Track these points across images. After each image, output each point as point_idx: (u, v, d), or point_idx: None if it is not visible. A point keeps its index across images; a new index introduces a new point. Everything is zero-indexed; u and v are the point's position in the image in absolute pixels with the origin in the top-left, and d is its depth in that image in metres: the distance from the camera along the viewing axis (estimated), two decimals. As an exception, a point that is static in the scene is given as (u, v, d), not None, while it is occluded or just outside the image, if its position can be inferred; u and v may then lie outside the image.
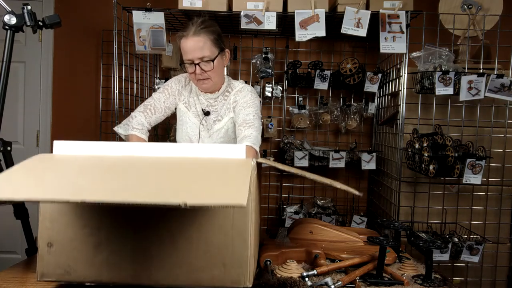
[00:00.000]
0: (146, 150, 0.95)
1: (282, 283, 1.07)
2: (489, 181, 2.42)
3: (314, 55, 2.97)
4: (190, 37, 1.53)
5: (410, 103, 2.36)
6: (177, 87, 1.73)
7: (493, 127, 2.38)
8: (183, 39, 1.55)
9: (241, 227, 0.92)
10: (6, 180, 0.77)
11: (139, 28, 2.33)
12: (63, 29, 2.95)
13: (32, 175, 0.80)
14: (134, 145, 0.97)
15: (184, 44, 1.55)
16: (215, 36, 1.57)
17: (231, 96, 1.69)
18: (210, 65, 1.55)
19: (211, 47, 1.55)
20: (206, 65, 1.55)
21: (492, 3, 2.40)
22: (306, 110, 2.87)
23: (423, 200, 2.39)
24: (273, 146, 3.03)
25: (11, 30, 1.57)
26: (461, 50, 2.46)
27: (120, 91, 2.57)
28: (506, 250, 2.45)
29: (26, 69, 3.01)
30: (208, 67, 1.55)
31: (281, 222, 2.75)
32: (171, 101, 1.72)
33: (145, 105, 1.70)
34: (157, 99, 1.70)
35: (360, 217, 2.73)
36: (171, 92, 1.72)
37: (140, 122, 1.66)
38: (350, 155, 2.76)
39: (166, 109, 1.72)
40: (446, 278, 1.21)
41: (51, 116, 3.03)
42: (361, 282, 1.15)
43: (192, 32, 1.53)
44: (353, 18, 2.22)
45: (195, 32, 1.53)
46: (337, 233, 1.46)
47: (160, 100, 1.70)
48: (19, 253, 2.88)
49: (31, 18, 1.58)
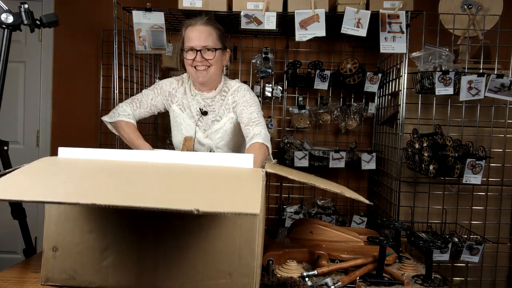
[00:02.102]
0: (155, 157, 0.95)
1: (282, 283, 1.07)
2: (489, 181, 2.42)
3: (314, 55, 2.97)
4: (198, 26, 1.59)
5: (410, 103, 2.36)
6: (167, 88, 1.74)
7: (493, 127, 2.38)
8: (190, 27, 1.60)
9: (248, 237, 0.91)
10: (13, 181, 0.76)
11: (139, 28, 2.33)
12: (63, 29, 2.96)
13: (40, 177, 0.80)
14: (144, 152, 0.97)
15: (190, 31, 1.59)
16: (221, 33, 1.63)
17: (228, 96, 1.69)
18: (212, 54, 1.58)
19: (216, 39, 1.60)
20: (208, 53, 1.58)
21: (492, 3, 2.40)
22: (306, 110, 2.87)
23: (423, 200, 2.39)
24: (273, 146, 3.02)
25: (8, 29, 1.57)
26: (461, 50, 2.46)
27: (120, 91, 2.57)
28: (506, 250, 2.45)
29: (26, 69, 3.01)
30: (209, 55, 1.58)
31: (281, 222, 2.75)
32: (159, 100, 1.74)
33: (133, 98, 1.74)
34: (145, 94, 1.74)
35: (360, 217, 2.72)
36: (160, 92, 1.73)
37: (126, 110, 1.70)
38: (350, 155, 2.76)
39: (152, 107, 1.74)
40: (446, 278, 1.22)
41: (51, 116, 3.03)
42: (361, 282, 1.15)
43: (201, 22, 1.59)
44: (353, 18, 2.22)
45: (203, 23, 1.59)
46: (337, 233, 1.46)
47: (148, 97, 1.73)
48: (19, 253, 2.87)
49: (28, 17, 1.57)
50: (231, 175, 0.85)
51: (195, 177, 0.84)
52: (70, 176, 0.80)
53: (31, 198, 0.68)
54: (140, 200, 0.68)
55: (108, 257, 0.93)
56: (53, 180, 0.78)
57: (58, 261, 0.94)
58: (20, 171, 0.82)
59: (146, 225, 0.93)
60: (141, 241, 0.93)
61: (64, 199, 0.68)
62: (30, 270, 1.14)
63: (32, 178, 0.79)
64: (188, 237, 0.92)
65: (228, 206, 0.66)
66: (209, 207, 0.64)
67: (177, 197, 0.71)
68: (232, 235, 0.91)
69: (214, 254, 0.92)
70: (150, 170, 0.87)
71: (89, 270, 0.94)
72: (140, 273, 0.93)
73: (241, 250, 0.91)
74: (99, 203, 0.64)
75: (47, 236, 0.96)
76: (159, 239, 0.93)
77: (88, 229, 0.94)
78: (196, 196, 0.72)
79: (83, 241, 0.94)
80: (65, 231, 0.94)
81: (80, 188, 0.74)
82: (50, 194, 0.70)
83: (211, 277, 0.91)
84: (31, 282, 1.06)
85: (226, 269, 0.91)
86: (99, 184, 0.77)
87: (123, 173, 0.84)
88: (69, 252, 0.94)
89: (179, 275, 0.92)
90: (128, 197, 0.69)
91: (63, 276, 0.94)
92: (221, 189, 0.76)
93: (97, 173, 0.84)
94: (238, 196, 0.72)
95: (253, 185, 0.76)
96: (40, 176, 0.81)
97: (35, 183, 0.76)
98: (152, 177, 0.83)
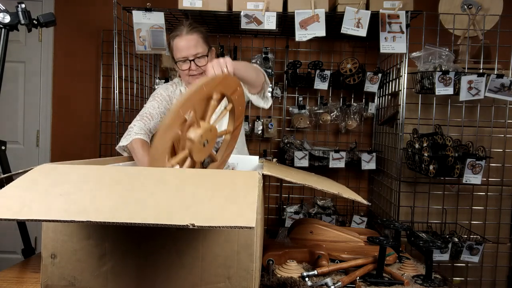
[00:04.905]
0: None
1: (282, 283, 1.07)
2: (489, 181, 2.42)
3: (314, 55, 2.97)
4: (184, 36, 1.61)
5: (410, 103, 2.36)
6: (166, 93, 1.74)
7: (493, 127, 2.38)
8: (177, 38, 1.62)
9: (247, 241, 0.91)
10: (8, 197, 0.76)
11: (139, 28, 2.33)
12: (63, 29, 2.96)
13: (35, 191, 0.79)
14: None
15: (178, 43, 1.62)
16: (204, 35, 1.66)
17: None
18: (204, 60, 1.61)
19: (203, 44, 1.63)
20: (201, 60, 1.61)
21: (492, 3, 2.40)
22: (306, 110, 2.87)
23: (423, 200, 2.39)
24: (273, 146, 3.03)
25: (5, 28, 1.57)
26: (461, 50, 2.46)
27: (120, 91, 2.57)
28: (506, 250, 2.45)
29: (26, 69, 3.00)
30: (202, 62, 1.62)
31: (281, 222, 2.75)
32: (164, 106, 1.72)
33: (141, 115, 1.68)
34: (150, 106, 1.69)
35: (360, 217, 2.73)
36: (162, 99, 1.72)
37: (140, 127, 1.63)
38: (350, 155, 2.76)
39: (161, 114, 1.70)
40: (446, 278, 1.21)
41: (51, 116, 3.03)
42: (361, 282, 1.15)
43: (185, 31, 1.61)
44: (353, 18, 2.22)
45: (188, 31, 1.61)
46: (338, 233, 1.46)
47: (154, 107, 1.69)
48: (19, 253, 2.88)
49: (25, 16, 1.58)
50: (227, 181, 0.85)
51: (190, 185, 0.83)
52: (65, 189, 0.80)
53: (26, 217, 0.69)
54: (136, 216, 0.69)
55: (107, 263, 0.94)
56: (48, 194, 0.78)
57: (57, 268, 0.95)
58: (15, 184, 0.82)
59: (145, 230, 0.93)
60: (139, 246, 0.93)
61: (60, 216, 0.68)
62: (30, 270, 1.14)
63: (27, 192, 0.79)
64: (186, 242, 0.92)
65: (223, 219, 0.67)
66: (204, 221, 0.65)
67: (173, 210, 0.71)
68: (230, 239, 0.91)
69: (213, 258, 0.92)
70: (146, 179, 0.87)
71: (88, 276, 0.94)
72: (139, 278, 0.93)
73: (239, 254, 0.91)
74: (94, 220, 0.67)
75: (45, 243, 0.96)
76: (158, 243, 0.93)
77: (86, 236, 0.94)
78: (192, 209, 0.72)
79: (81, 248, 0.94)
80: (63, 238, 0.95)
81: (76, 203, 0.74)
82: (45, 212, 0.71)
83: (210, 281, 0.92)
84: (31, 282, 1.06)
85: (224, 273, 0.91)
86: (94, 197, 0.77)
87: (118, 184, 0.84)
88: (67, 259, 0.95)
89: (178, 279, 0.92)
90: (124, 212, 0.70)
91: (63, 282, 0.95)
92: (216, 199, 0.76)
93: (92, 185, 0.83)
94: (234, 207, 0.72)
95: (249, 192, 0.76)
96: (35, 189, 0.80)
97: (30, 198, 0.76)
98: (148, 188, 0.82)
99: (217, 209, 0.71)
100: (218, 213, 0.70)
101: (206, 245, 0.92)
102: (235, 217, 0.68)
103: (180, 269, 0.92)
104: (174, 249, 0.92)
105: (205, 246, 0.92)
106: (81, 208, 0.72)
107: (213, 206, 0.72)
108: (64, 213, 0.70)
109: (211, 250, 0.92)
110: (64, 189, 0.81)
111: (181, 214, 0.70)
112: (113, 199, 0.75)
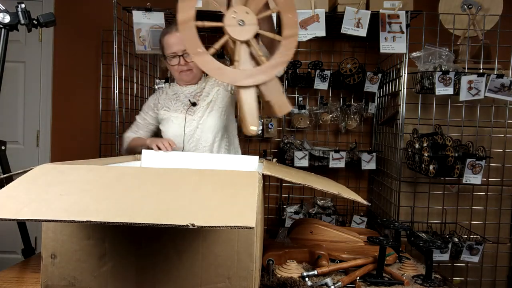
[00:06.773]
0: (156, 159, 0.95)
1: (282, 283, 1.07)
2: (489, 181, 2.42)
3: (314, 55, 2.96)
4: (174, 33, 1.71)
5: (410, 103, 2.36)
6: (152, 102, 1.91)
7: (493, 127, 2.38)
8: (167, 35, 1.74)
9: (246, 241, 0.92)
10: (9, 197, 0.76)
11: (139, 28, 2.33)
12: (63, 29, 2.96)
13: (35, 191, 0.80)
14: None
15: (168, 39, 1.73)
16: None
17: (211, 79, 1.84)
18: None
19: None
20: (189, 56, 1.66)
21: (492, 3, 2.40)
22: (306, 110, 2.87)
23: (423, 200, 2.39)
24: (273, 146, 3.03)
25: (5, 28, 1.57)
26: (461, 50, 2.46)
27: (120, 91, 2.57)
28: (506, 250, 2.45)
29: (26, 69, 3.00)
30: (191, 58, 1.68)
31: (281, 222, 2.74)
32: (150, 116, 1.91)
33: (134, 123, 1.97)
34: (139, 118, 1.95)
35: (360, 217, 2.72)
36: (149, 109, 1.91)
37: (129, 137, 1.92)
38: (350, 155, 2.76)
39: (148, 125, 1.93)
40: (446, 278, 1.22)
41: (51, 116, 3.03)
42: (361, 282, 1.15)
43: (175, 28, 1.71)
44: (353, 18, 2.22)
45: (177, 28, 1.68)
46: (338, 233, 1.46)
47: (140, 118, 1.94)
48: (19, 253, 2.88)
49: (25, 16, 1.58)
50: (227, 181, 0.85)
51: (190, 184, 0.83)
52: (65, 189, 0.80)
53: (26, 217, 0.69)
54: (136, 215, 0.69)
55: (107, 263, 0.94)
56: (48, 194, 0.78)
57: (57, 268, 0.95)
58: (15, 184, 0.82)
59: (145, 230, 0.93)
60: (139, 246, 0.94)
61: (60, 216, 0.68)
62: (30, 270, 1.15)
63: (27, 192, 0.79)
64: (186, 242, 0.92)
65: (223, 219, 0.67)
66: (204, 221, 0.65)
67: (173, 210, 0.71)
68: (230, 239, 0.92)
69: (213, 258, 0.92)
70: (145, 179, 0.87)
71: (88, 277, 0.94)
72: (139, 278, 0.93)
73: (239, 254, 0.91)
74: (94, 220, 0.67)
75: (45, 243, 0.96)
76: (158, 243, 0.93)
77: (85, 236, 0.94)
78: (192, 208, 0.72)
79: (81, 248, 0.94)
80: (63, 239, 0.95)
81: (76, 203, 0.74)
82: (45, 212, 0.71)
83: (210, 281, 0.92)
84: (31, 282, 1.06)
85: (225, 273, 0.91)
86: (94, 197, 0.77)
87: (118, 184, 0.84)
88: (67, 259, 0.95)
89: (178, 279, 0.92)
90: (124, 212, 0.70)
91: (63, 283, 0.95)
92: (216, 199, 0.76)
93: (92, 185, 0.83)
94: (234, 207, 0.72)
95: (249, 192, 0.76)
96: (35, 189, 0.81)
97: (30, 198, 0.76)
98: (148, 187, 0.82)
99: (217, 209, 0.71)
100: (218, 213, 0.70)
101: (206, 245, 0.92)
102: (235, 217, 0.68)
103: (180, 269, 0.92)
104: (174, 249, 0.92)
105: (205, 246, 0.92)
106: (81, 208, 0.72)
107: (213, 206, 0.72)
108: (64, 213, 0.70)
109: (211, 250, 0.92)
110: (64, 189, 0.81)
111: (181, 214, 0.70)
112: (113, 199, 0.75)
